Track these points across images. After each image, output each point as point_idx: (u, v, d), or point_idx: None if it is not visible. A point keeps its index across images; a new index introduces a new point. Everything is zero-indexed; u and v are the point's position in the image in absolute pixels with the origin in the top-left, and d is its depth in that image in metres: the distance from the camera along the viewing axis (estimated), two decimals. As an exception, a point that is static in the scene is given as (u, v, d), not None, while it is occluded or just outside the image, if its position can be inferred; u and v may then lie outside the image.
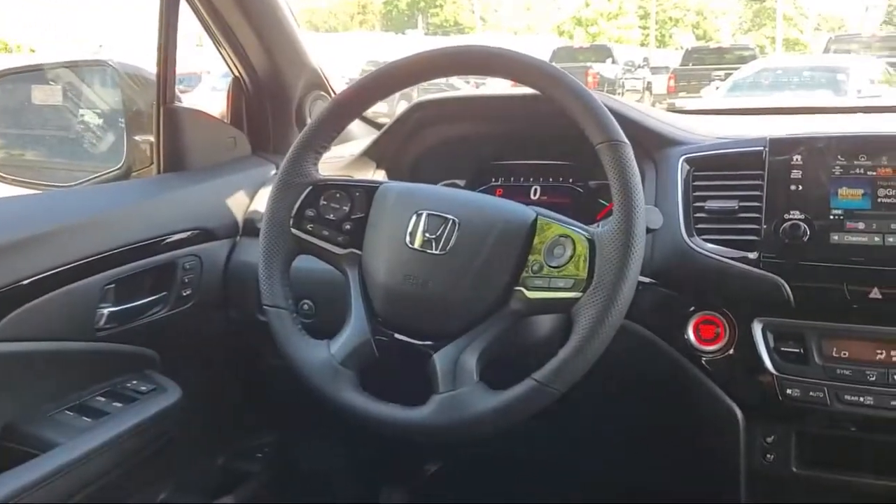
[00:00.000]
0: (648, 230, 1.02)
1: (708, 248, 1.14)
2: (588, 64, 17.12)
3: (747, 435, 1.14)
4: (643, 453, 1.40)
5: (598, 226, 0.99)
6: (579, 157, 1.31)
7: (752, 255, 1.10)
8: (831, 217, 1.08)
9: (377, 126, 1.72)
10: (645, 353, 1.19)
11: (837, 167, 1.10)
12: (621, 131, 0.99)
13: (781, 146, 1.13)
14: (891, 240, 1.04)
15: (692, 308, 1.17)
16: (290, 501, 1.69)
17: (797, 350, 1.10)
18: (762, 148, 1.15)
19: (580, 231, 1.00)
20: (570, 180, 1.42)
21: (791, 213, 1.09)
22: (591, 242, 0.98)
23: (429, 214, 1.06)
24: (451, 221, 1.05)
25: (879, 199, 1.07)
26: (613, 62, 19.00)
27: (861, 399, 1.06)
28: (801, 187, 1.10)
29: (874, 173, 1.08)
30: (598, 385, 1.15)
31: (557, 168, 1.43)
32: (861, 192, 1.08)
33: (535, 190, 1.45)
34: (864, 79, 9.64)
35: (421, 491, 1.76)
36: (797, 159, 1.11)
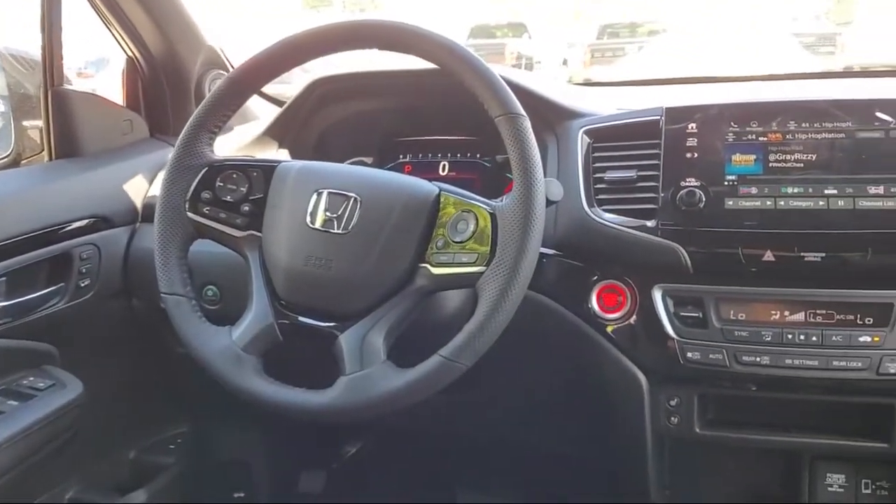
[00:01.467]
0: (550, 202, 1.02)
1: (608, 217, 1.15)
2: (505, 40, 17.16)
3: (651, 399, 1.17)
4: (556, 420, 1.42)
5: (500, 200, 0.99)
6: (486, 132, 1.30)
7: (651, 224, 1.12)
8: (726, 183, 1.10)
9: (281, 104, 1.69)
10: (551, 322, 1.20)
11: (731, 134, 1.12)
12: (519, 104, 0.99)
13: (677, 115, 1.15)
14: (782, 203, 1.07)
15: (595, 277, 1.19)
16: (206, 492, 1.65)
17: (696, 314, 1.12)
18: (659, 117, 1.16)
19: (482, 205, 1.00)
20: (478, 155, 1.43)
21: (687, 180, 1.11)
22: (493, 216, 0.98)
23: (329, 193, 1.04)
24: (352, 199, 1.03)
25: (771, 164, 1.09)
26: (530, 38, 19.11)
27: (757, 359, 1.09)
28: (696, 155, 1.12)
29: (765, 139, 1.10)
30: (509, 356, 1.16)
31: (465, 143, 1.42)
32: (753, 157, 1.10)
33: (444, 165, 1.44)
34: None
35: (342, 472, 1.75)
36: (692, 127, 1.13)
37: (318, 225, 1.03)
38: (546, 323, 1.21)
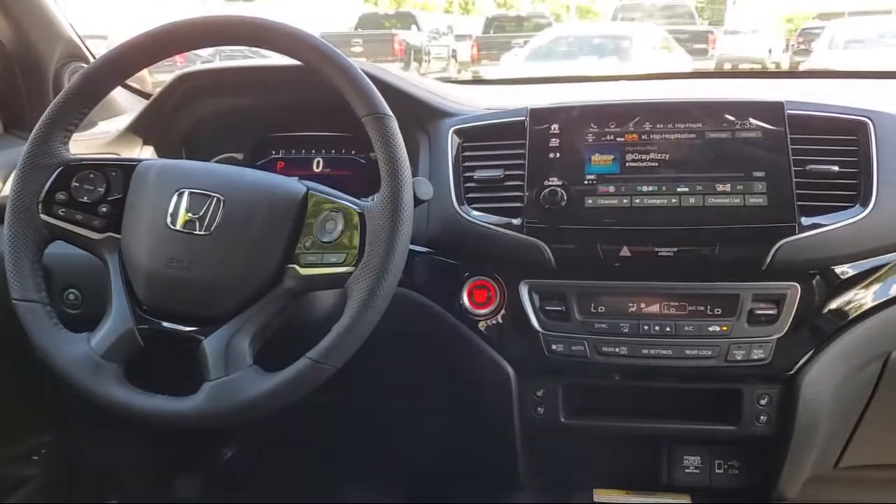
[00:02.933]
0: (420, 201, 1.04)
1: (477, 216, 1.18)
2: (394, 31, 17.14)
3: (519, 390, 1.21)
4: (432, 415, 1.44)
5: (368, 199, 1.00)
6: (360, 129, 1.31)
7: (517, 222, 1.15)
8: (586, 182, 1.14)
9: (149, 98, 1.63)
10: (425, 319, 1.22)
11: (590, 135, 1.16)
12: (385, 104, 1.00)
13: (540, 116, 1.18)
14: (637, 201, 1.12)
15: (466, 274, 1.21)
16: (76, 502, 1.59)
17: (560, 308, 1.16)
18: (523, 118, 1.19)
19: (350, 205, 1.00)
20: (353, 152, 1.42)
21: (550, 179, 1.14)
22: (361, 216, 0.98)
23: (191, 193, 1.02)
24: (215, 199, 1.01)
25: (627, 164, 1.14)
26: (419, 30, 19.15)
27: (616, 350, 1.14)
28: (558, 155, 1.16)
29: (622, 139, 1.15)
30: (384, 354, 1.17)
31: (339, 140, 1.42)
32: (611, 157, 1.15)
33: (318, 162, 1.43)
34: (647, 46, 10.32)
35: (218, 477, 1.72)
36: (555, 128, 1.17)
37: (179, 226, 1.01)
38: (419, 320, 1.22)
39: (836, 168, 1.12)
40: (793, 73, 2.61)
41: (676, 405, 1.21)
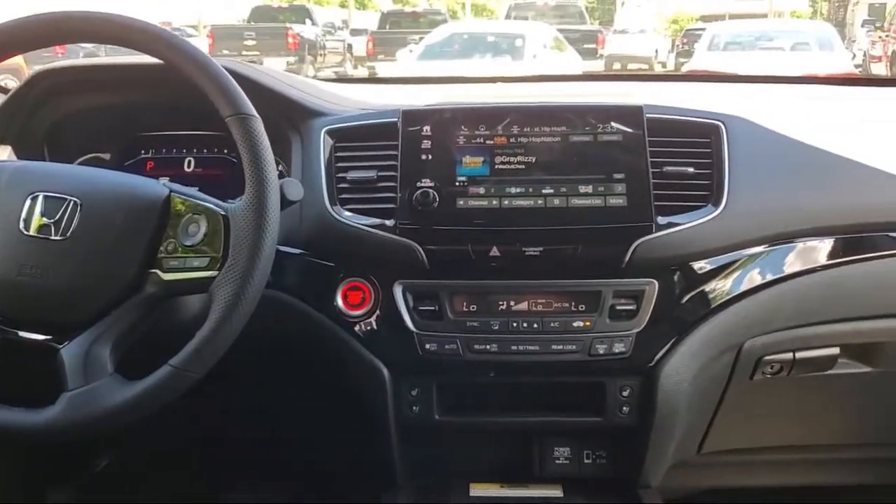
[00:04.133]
0: (289, 202, 1.03)
1: (350, 217, 1.18)
2: (288, 24, 16.86)
3: (394, 390, 1.22)
4: (310, 416, 1.44)
5: (233, 202, 0.99)
6: None
7: (390, 223, 1.16)
8: (457, 184, 1.16)
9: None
10: (298, 321, 1.21)
11: (461, 137, 1.18)
12: (249, 104, 0.99)
13: (413, 117, 1.19)
14: (506, 203, 1.15)
15: (340, 275, 1.21)
16: None
17: (433, 308, 1.18)
18: (396, 119, 1.20)
19: (214, 207, 0.99)
20: (225, 151, 1.40)
21: (423, 181, 1.16)
22: (225, 219, 0.97)
23: (46, 196, 0.98)
24: (71, 203, 0.98)
25: (497, 166, 1.16)
26: (314, 24, 18.91)
27: (487, 347, 1.17)
28: (430, 156, 1.17)
29: (492, 142, 1.17)
30: (257, 357, 1.16)
31: (211, 138, 1.39)
32: (481, 159, 1.17)
33: (189, 161, 1.40)
34: (539, 44, 10.54)
35: (91, 488, 1.66)
36: (427, 130, 1.18)
37: (32, 231, 0.97)
38: (292, 322, 1.21)
39: (691, 169, 1.18)
40: (660, 77, 2.74)
41: (545, 399, 1.25)
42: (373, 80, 1.83)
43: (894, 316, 1.23)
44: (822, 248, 1.21)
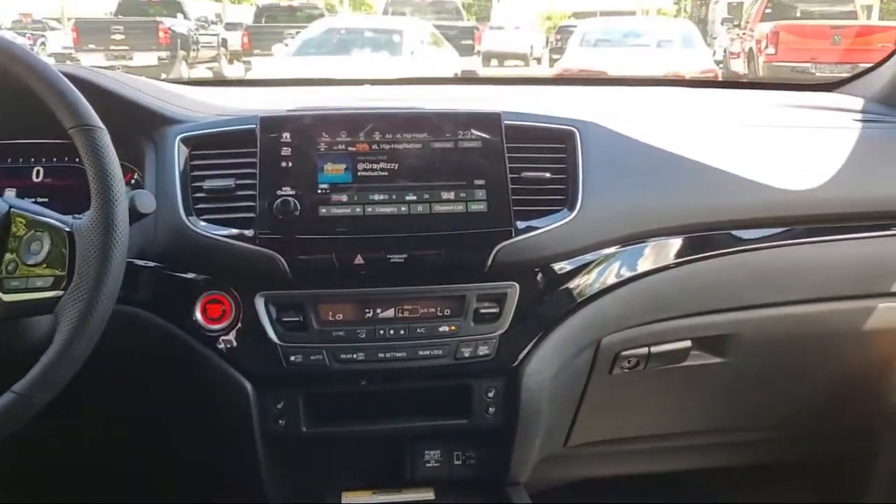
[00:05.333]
0: (141, 215, 1.00)
1: (207, 227, 1.15)
2: (158, 18, 16.21)
3: (259, 404, 1.20)
4: (172, 431, 1.39)
5: (78, 217, 0.94)
6: None
7: (249, 233, 1.13)
8: (319, 191, 1.14)
9: None
10: (153, 338, 1.17)
11: (322, 144, 1.16)
12: (93, 115, 0.95)
13: (272, 124, 1.17)
14: (370, 210, 1.14)
15: (199, 288, 1.18)
16: None
17: (297, 318, 1.16)
18: (254, 126, 1.18)
19: (57, 223, 0.94)
20: (77, 160, 1.32)
21: (283, 189, 1.13)
22: (70, 235, 0.93)
23: None
24: None
25: (359, 173, 1.16)
26: (185, 17, 18.26)
27: (354, 356, 1.17)
28: (291, 164, 1.15)
29: (354, 148, 1.17)
30: (111, 377, 1.11)
31: (61, 147, 1.32)
32: (343, 166, 1.16)
33: (38, 171, 1.33)
34: (417, 41, 10.56)
35: None
36: (286, 137, 1.16)
37: None
38: (148, 339, 1.17)
39: (547, 175, 1.21)
40: (524, 80, 2.80)
41: (415, 404, 1.26)
42: (235, 82, 1.78)
43: (739, 309, 1.31)
44: (671, 248, 1.27)
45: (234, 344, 1.17)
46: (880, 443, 1.66)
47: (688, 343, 1.33)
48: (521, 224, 1.17)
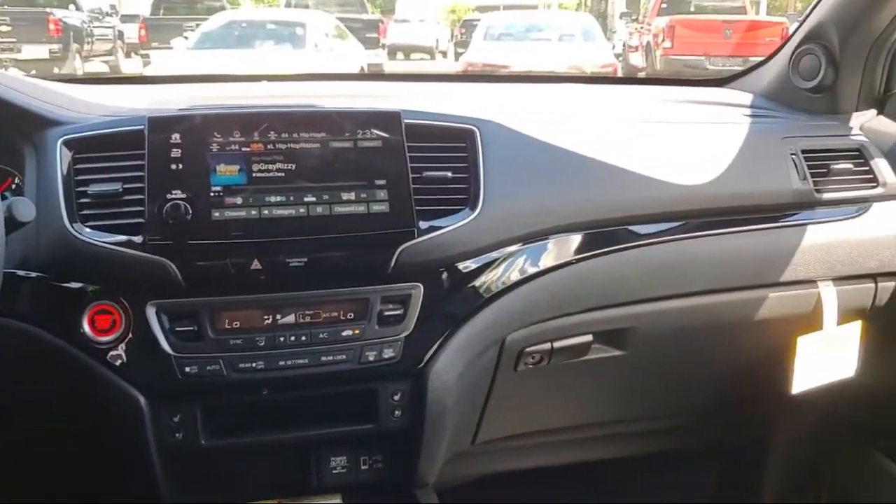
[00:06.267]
0: (19, 224, 0.94)
1: (92, 234, 1.09)
2: (48, 9, 15.45)
3: (153, 418, 1.14)
4: (66, 448, 1.32)
5: None
6: None
7: (138, 239, 1.08)
8: (211, 194, 1.10)
9: None
10: (39, 353, 1.11)
11: (214, 144, 1.12)
12: None
13: (160, 124, 1.12)
14: (266, 212, 1.11)
15: (86, 299, 1.12)
16: None
17: (192, 328, 1.12)
18: (142, 127, 1.12)
19: None
20: None
21: (173, 192, 1.08)
22: None
23: None
24: None
25: (254, 174, 1.12)
26: (78, 8, 17.48)
27: (253, 364, 1.13)
28: (181, 166, 1.10)
29: (248, 149, 1.12)
30: None
31: None
32: (237, 167, 1.12)
33: None
34: (321, 33, 10.42)
35: None
36: (176, 137, 1.11)
37: None
38: (32, 353, 1.11)
39: (449, 174, 1.20)
40: (426, 77, 2.80)
41: (319, 411, 1.23)
42: (125, 79, 1.70)
43: (637, 303, 1.34)
44: (571, 244, 1.28)
45: (126, 356, 1.12)
46: (774, 429, 1.74)
47: (589, 337, 1.34)
48: (423, 224, 1.16)
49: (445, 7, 23.97)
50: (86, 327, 1.11)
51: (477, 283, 1.23)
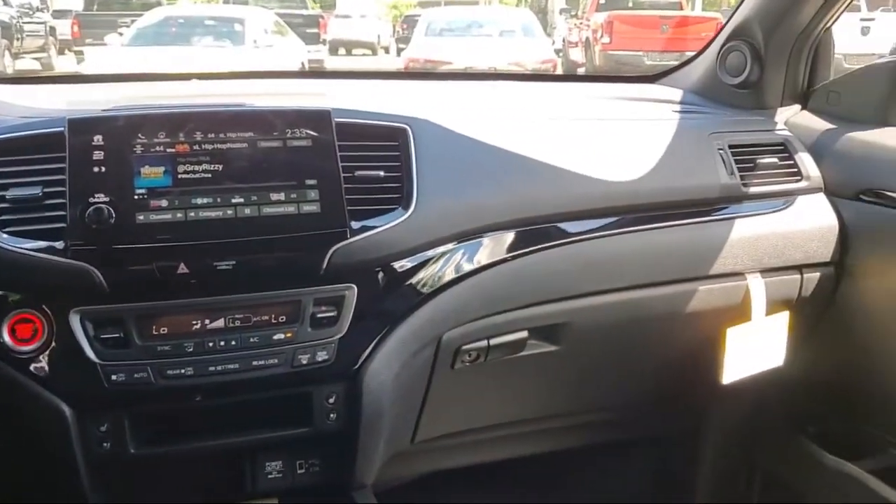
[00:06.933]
0: None
1: (9, 240, 1.05)
2: (-31, 6, 14.92)
3: (79, 428, 1.11)
4: None
5: None
6: None
7: (60, 245, 1.05)
8: (136, 197, 1.07)
9: None
10: None
11: (139, 146, 1.09)
12: None
13: (81, 126, 1.08)
14: (192, 215, 1.08)
15: (6, 307, 1.08)
16: None
17: (117, 335, 1.08)
18: (62, 129, 1.09)
19: None
20: None
21: (96, 196, 1.05)
22: None
23: None
24: None
25: (180, 176, 1.09)
26: (6, 3, 16.92)
27: (182, 371, 1.10)
28: (104, 169, 1.07)
29: (173, 150, 1.10)
30: None
31: None
32: (162, 169, 1.09)
33: None
34: (260, 29, 10.28)
35: None
36: (98, 139, 1.08)
37: None
38: None
39: (381, 173, 1.19)
40: (360, 74, 2.78)
41: (253, 416, 1.20)
42: (49, 79, 1.65)
43: (571, 298, 1.35)
44: (505, 242, 1.28)
45: (49, 366, 1.08)
46: (707, 419, 1.77)
47: (524, 334, 1.35)
48: (356, 224, 1.14)
49: (387, 2, 23.90)
50: (6, 337, 1.07)
51: (412, 282, 1.22)
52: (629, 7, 12.78)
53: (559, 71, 11.30)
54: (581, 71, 12.22)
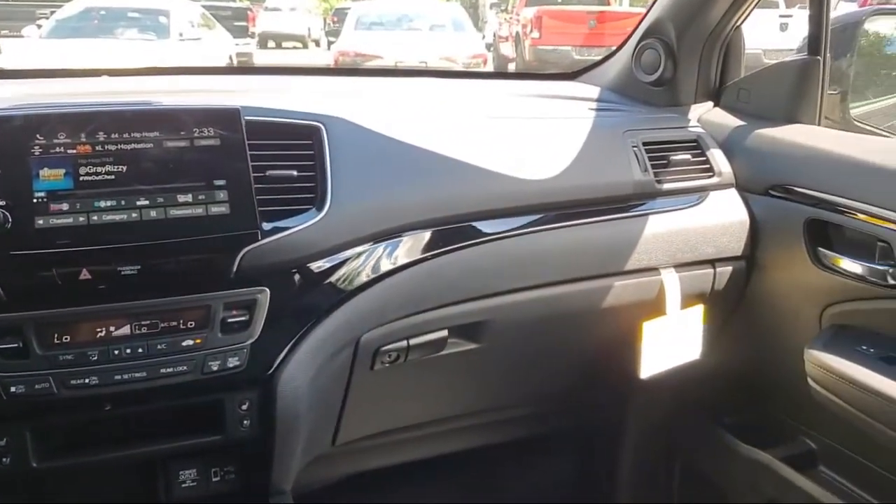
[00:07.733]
0: None
1: None
2: None
3: None
4: None
5: None
6: None
7: None
8: (35, 201, 1.02)
9: None
10: None
11: (37, 147, 1.04)
12: None
13: None
14: (95, 218, 1.04)
15: None
16: None
17: (16, 345, 1.04)
18: None
19: None
20: None
21: None
22: None
23: None
24: None
25: (82, 178, 1.05)
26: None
27: (86, 381, 1.06)
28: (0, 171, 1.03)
29: (74, 151, 1.06)
30: None
31: None
32: (63, 171, 1.05)
33: None
34: (186, 22, 10.04)
35: None
36: None
37: None
38: None
39: (294, 173, 1.17)
40: (273, 70, 2.73)
41: (163, 424, 1.17)
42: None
43: (491, 296, 1.35)
44: (423, 241, 1.27)
45: None
46: (628, 412, 1.81)
47: (444, 332, 1.35)
48: (267, 226, 1.12)
49: (317, -5, 23.64)
50: None
51: (327, 284, 1.20)
52: (558, 2, 12.91)
53: (490, 65, 11.35)
54: (511, 66, 12.31)
